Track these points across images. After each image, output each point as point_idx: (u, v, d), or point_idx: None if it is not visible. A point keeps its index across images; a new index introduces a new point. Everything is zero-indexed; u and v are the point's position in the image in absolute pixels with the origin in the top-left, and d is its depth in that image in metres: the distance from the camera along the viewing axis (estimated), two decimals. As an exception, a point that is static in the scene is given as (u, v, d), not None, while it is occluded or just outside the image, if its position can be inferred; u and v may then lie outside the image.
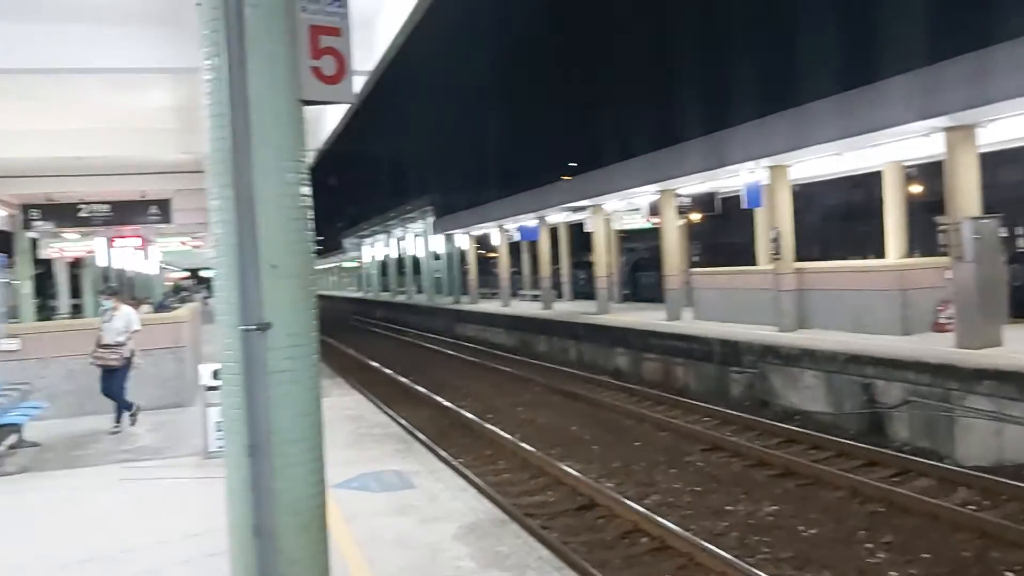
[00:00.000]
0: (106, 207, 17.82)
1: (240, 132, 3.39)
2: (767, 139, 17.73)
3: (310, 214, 3.69)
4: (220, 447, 8.36)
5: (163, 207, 17.71)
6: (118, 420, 11.59)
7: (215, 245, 3.56)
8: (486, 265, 54.43)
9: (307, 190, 3.65)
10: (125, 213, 18.15)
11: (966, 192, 13.64)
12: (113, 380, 11.54)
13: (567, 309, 31.11)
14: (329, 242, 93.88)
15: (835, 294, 17.52)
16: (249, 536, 3.43)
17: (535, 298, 37.62)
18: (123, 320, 11.67)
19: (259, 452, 3.41)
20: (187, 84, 10.02)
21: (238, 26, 3.37)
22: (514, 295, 39.83)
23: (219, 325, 3.58)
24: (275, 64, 3.49)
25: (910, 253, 19.19)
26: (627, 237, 38.96)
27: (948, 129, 13.64)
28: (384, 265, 67.66)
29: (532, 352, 27.78)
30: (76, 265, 29.29)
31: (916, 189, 28.01)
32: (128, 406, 11.68)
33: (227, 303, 3.51)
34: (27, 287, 19.83)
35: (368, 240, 67.02)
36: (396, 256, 62.42)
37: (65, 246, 21.73)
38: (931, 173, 23.69)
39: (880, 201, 19.62)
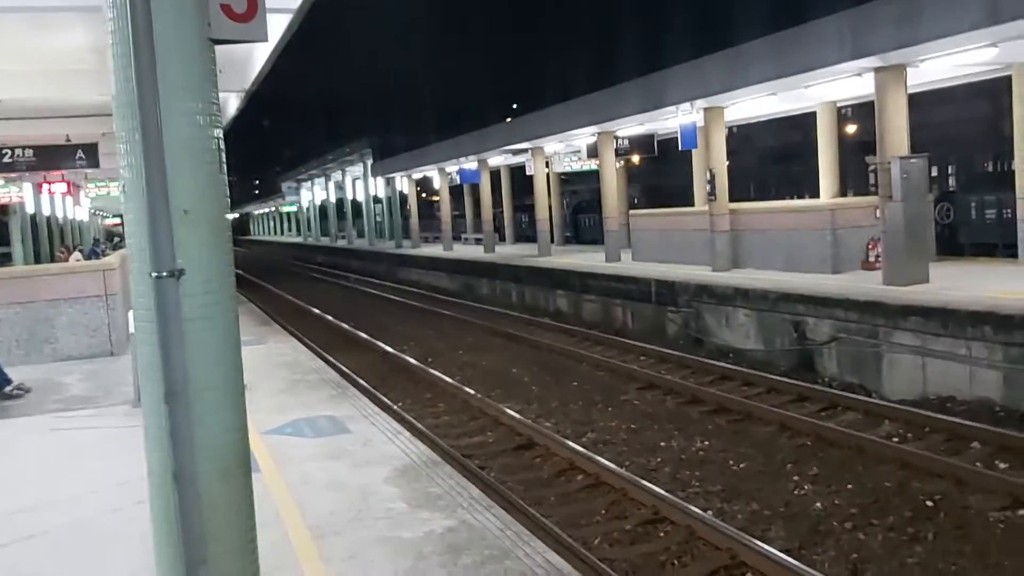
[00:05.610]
0: (30, 152, 17.26)
1: (145, 73, 3.26)
2: (702, 80, 17.76)
3: (223, 158, 3.60)
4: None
5: (89, 151, 17.21)
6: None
7: (124, 191, 3.46)
8: (428, 209, 54.14)
9: (219, 133, 3.55)
10: (51, 158, 17.64)
11: (895, 132, 13.88)
12: None
13: (509, 252, 31.16)
14: (267, 186, 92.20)
15: (769, 234, 17.80)
16: (168, 482, 3.40)
17: (477, 242, 37.54)
18: None
19: (175, 399, 3.37)
20: (104, 23, 9.72)
21: (139, -40, 3.23)
22: (456, 239, 39.70)
23: (131, 272, 3.51)
24: (181, 1, 3.36)
25: (844, 193, 19.52)
26: (568, 180, 39.04)
27: (878, 69, 13.83)
28: (323, 209, 66.82)
29: (475, 296, 27.83)
30: (3, 212, 28.41)
31: (851, 129, 28.45)
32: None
33: (139, 250, 3.43)
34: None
35: (306, 184, 66.02)
36: (336, 200, 61.68)
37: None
38: (865, 114, 24.15)
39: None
